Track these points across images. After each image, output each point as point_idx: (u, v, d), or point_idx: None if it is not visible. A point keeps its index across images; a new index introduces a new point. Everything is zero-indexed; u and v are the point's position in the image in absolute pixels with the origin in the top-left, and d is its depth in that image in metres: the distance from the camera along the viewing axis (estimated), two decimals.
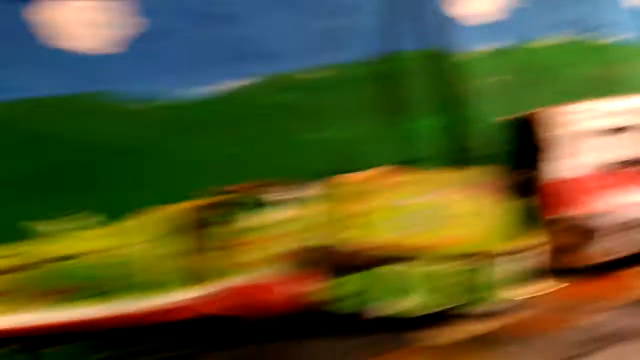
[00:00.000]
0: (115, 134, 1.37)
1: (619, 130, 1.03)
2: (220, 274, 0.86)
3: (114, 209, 1.07)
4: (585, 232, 1.00)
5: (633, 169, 1.04)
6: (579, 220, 1.00)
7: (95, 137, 1.35)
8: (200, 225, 0.90)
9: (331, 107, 1.47)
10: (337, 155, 1.47)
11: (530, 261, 0.94)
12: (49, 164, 1.34)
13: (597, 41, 1.63)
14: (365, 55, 1.50)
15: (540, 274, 1.04)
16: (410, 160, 1.39)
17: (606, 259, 1.03)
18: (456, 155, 1.46)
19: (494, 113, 1.50)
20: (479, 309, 0.89)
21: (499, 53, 1.57)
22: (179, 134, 1.40)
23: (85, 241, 0.88)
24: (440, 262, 0.89)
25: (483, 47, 1.56)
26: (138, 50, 1.38)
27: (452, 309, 0.88)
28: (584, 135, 1.03)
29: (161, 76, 1.40)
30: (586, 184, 1.02)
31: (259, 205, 0.89)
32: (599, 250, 1.01)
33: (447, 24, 1.51)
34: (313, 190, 0.95)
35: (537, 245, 1.02)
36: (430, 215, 0.93)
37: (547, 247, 1.03)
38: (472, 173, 0.98)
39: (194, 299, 0.85)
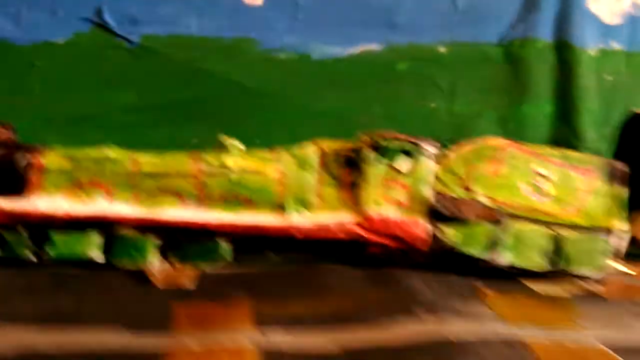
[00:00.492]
0: (252, 78, 1.52)
1: None
2: (361, 206, 0.99)
3: (251, 142, 1.22)
4: None
5: None
6: None
7: (237, 77, 1.51)
8: (350, 162, 1.03)
9: (454, 81, 1.58)
10: (453, 126, 1.58)
11: (627, 241, 1.02)
12: (196, 95, 1.51)
13: None
14: (497, 37, 1.59)
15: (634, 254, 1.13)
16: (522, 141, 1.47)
17: None
18: (568, 142, 1.54)
19: (608, 109, 1.57)
20: (583, 272, 0.99)
21: (618, 54, 1.63)
22: (310, 85, 1.54)
23: (240, 160, 1.02)
24: (559, 228, 0.99)
25: (604, 46, 1.62)
26: (280, 5, 1.52)
27: (560, 269, 0.98)
28: None
29: (299, 31, 1.53)
30: None
31: (404, 152, 1.01)
32: None
33: (581, 18, 1.58)
34: (447, 148, 1.07)
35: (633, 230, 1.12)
36: (556, 187, 1.03)
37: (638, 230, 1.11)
38: (597, 158, 1.07)
39: (334, 223, 0.99)
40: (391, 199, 1.00)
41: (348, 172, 1.04)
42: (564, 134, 1.56)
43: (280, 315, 0.77)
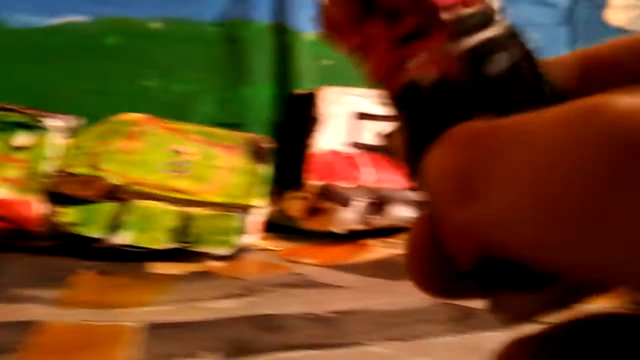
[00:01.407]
0: None
1: (389, 118, 1.14)
2: None
3: None
4: (340, 201, 1.11)
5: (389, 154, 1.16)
6: (335, 189, 1.11)
7: None
8: None
9: (170, 59, 1.53)
10: (170, 105, 1.53)
11: (265, 217, 1.03)
12: None
13: None
14: (214, 16, 1.56)
15: (278, 230, 1.16)
16: (226, 123, 1.46)
17: (357, 228, 1.14)
18: (261, 122, 1.55)
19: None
20: (213, 250, 0.97)
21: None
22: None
23: None
24: (192, 207, 0.97)
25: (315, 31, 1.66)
26: None
27: (189, 248, 0.96)
28: (355, 116, 1.14)
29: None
30: (348, 160, 1.13)
31: (24, 126, 0.94)
32: (351, 219, 1.13)
33: (298, 2, 1.59)
34: (81, 122, 1.01)
35: (277, 206, 1.15)
36: (195, 164, 1.01)
37: (291, 208, 1.14)
38: (242, 136, 1.07)
39: None
40: (3, 177, 0.91)
41: None
42: (283, 116, 1.57)
43: None
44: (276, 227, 1.21)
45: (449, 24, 0.18)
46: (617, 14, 2.12)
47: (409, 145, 0.19)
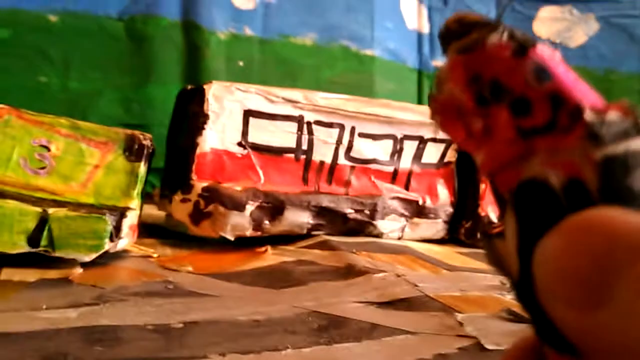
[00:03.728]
0: None
1: (286, 118, 1.08)
2: None
3: None
4: (230, 205, 1.04)
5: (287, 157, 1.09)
6: (225, 192, 1.04)
7: None
8: None
9: (68, 54, 1.43)
10: (68, 103, 1.43)
11: (134, 220, 0.94)
12: None
13: (347, 49, 1.73)
14: (117, 11, 1.47)
15: (168, 236, 1.08)
16: (130, 124, 1.37)
17: (249, 234, 1.07)
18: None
19: None
20: (78, 256, 0.88)
21: (250, 39, 1.61)
22: None
23: None
24: (53, 206, 0.88)
25: (236, 31, 1.59)
26: None
27: (49, 252, 0.87)
28: (248, 114, 1.07)
29: None
30: (241, 160, 1.06)
31: None
32: (243, 224, 1.05)
33: (210, 0, 1.52)
34: None
35: (166, 209, 1.07)
36: (61, 161, 0.92)
37: (179, 212, 1.06)
38: (117, 132, 0.98)
39: None
40: None
41: None
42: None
43: None
44: (165, 232, 1.13)
45: (591, 126, 0.17)
46: (544, 26, 2.13)
47: (519, 241, 0.18)
